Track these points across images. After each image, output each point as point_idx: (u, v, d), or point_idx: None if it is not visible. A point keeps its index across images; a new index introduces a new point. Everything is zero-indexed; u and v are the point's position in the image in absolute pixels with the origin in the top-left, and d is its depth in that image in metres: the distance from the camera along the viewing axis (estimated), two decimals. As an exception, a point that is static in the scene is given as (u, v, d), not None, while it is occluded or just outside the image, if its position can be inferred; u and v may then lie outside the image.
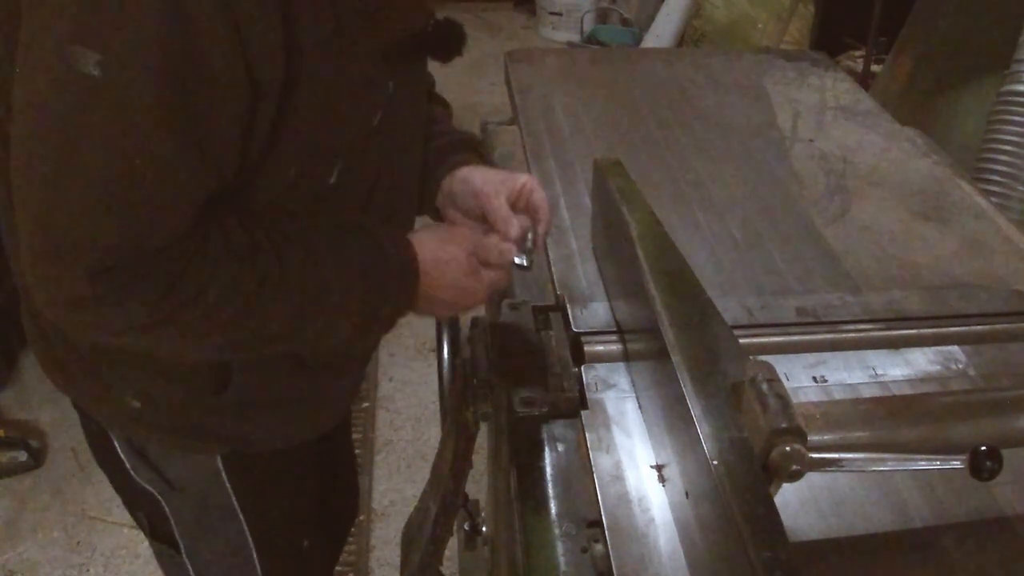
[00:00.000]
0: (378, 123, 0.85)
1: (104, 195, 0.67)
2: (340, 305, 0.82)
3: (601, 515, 0.68)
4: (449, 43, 0.93)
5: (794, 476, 0.58)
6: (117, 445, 1.01)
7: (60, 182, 0.67)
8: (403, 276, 0.86)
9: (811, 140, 1.32)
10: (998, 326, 0.91)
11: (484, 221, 0.94)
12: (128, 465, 1.02)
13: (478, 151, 1.06)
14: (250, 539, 1.07)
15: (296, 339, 0.83)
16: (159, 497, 1.03)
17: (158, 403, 0.93)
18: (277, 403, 0.97)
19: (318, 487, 1.19)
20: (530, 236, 0.89)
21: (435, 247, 0.89)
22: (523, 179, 0.94)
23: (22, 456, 2.21)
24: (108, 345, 0.86)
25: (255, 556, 1.08)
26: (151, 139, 0.67)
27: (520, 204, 0.93)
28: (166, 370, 0.90)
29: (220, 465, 1.00)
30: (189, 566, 1.09)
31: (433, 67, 1.12)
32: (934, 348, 0.88)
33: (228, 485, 1.01)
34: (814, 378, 0.84)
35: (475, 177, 0.96)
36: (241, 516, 1.04)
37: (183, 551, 1.08)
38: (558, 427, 0.77)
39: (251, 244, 0.77)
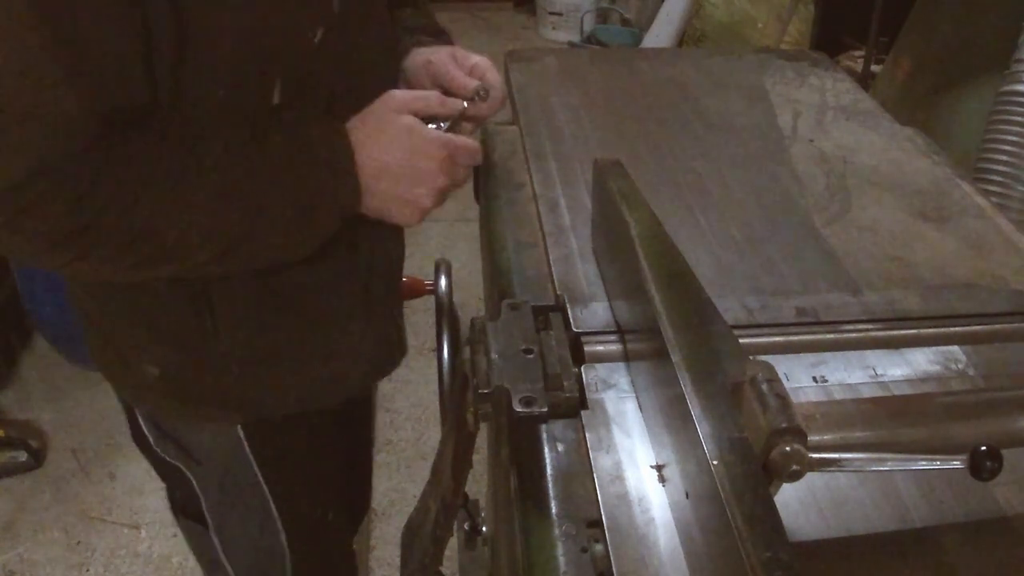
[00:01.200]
0: (321, 41, 0.83)
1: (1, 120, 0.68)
2: (264, 198, 0.80)
3: (601, 515, 0.68)
4: None
5: (794, 476, 0.58)
6: (141, 421, 1.03)
7: None
8: (335, 162, 0.82)
9: (811, 140, 1.32)
10: (998, 326, 0.91)
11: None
12: (152, 441, 1.03)
13: (441, 38, 1.05)
14: (275, 510, 1.07)
15: (224, 240, 0.80)
16: (186, 471, 1.05)
17: (173, 367, 0.94)
18: (277, 358, 0.97)
19: (338, 463, 1.19)
20: (482, 92, 0.91)
21: (372, 126, 0.85)
22: (476, 58, 0.96)
23: (22, 456, 2.21)
24: (42, 267, 0.86)
25: (280, 528, 1.09)
26: (38, 60, 0.68)
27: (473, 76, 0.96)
28: (163, 327, 0.91)
29: (241, 435, 1.01)
30: (217, 542, 1.10)
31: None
32: (934, 348, 0.88)
33: (250, 455, 1.02)
34: (814, 378, 0.84)
35: (429, 52, 0.97)
36: (265, 487, 1.05)
37: (211, 527, 1.09)
38: (558, 427, 0.77)
39: (165, 145, 0.76)
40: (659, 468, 0.72)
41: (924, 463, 0.61)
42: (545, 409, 0.78)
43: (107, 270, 0.81)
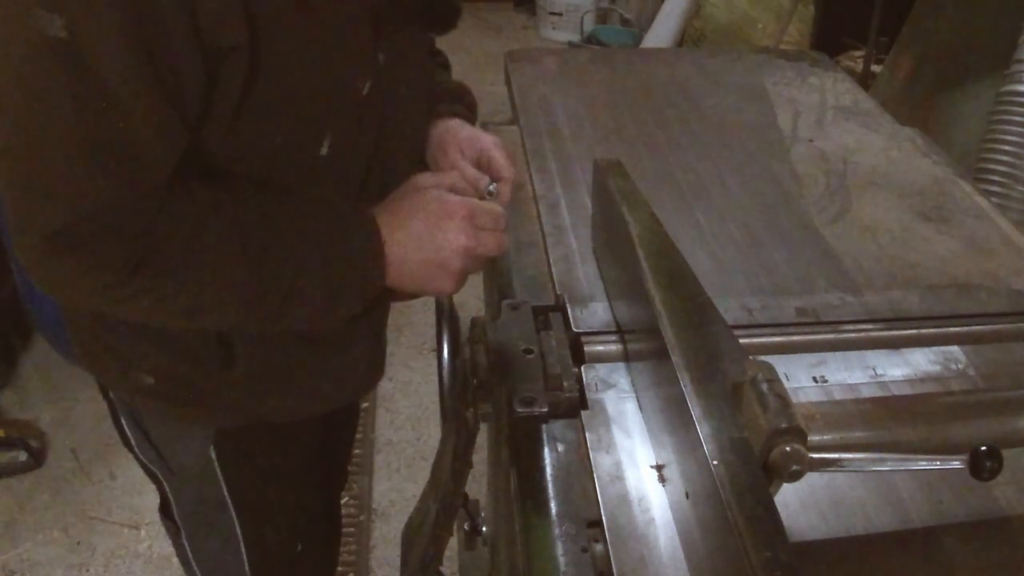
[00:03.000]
0: (368, 93, 0.86)
1: (81, 150, 0.70)
2: (300, 274, 0.81)
3: (601, 515, 0.68)
4: (439, 13, 0.97)
5: (794, 476, 0.58)
6: (124, 422, 1.04)
7: (40, 142, 0.69)
8: (366, 249, 0.83)
9: (811, 140, 1.32)
10: (998, 326, 0.91)
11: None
12: (134, 443, 1.05)
13: (465, 101, 1.09)
14: (239, 533, 1.07)
15: (262, 305, 0.81)
16: (161, 478, 1.06)
17: (170, 378, 0.94)
18: (286, 378, 0.98)
19: (312, 492, 1.18)
20: (492, 188, 0.95)
21: (397, 204, 0.86)
22: (488, 140, 0.99)
23: (22, 456, 2.21)
24: (82, 306, 0.88)
25: (243, 551, 1.09)
26: (121, 94, 0.69)
27: (483, 163, 0.98)
28: (176, 346, 0.92)
29: (213, 455, 1.01)
30: (188, 548, 1.11)
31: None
32: (934, 348, 0.88)
33: (220, 475, 1.03)
34: (814, 378, 0.84)
35: (451, 128, 1.00)
36: (232, 509, 1.05)
37: (183, 534, 1.10)
38: (558, 427, 0.77)
39: (214, 201, 0.77)
40: (659, 468, 0.72)
41: (924, 463, 0.61)
42: (545, 409, 0.78)
43: (144, 314, 0.82)
